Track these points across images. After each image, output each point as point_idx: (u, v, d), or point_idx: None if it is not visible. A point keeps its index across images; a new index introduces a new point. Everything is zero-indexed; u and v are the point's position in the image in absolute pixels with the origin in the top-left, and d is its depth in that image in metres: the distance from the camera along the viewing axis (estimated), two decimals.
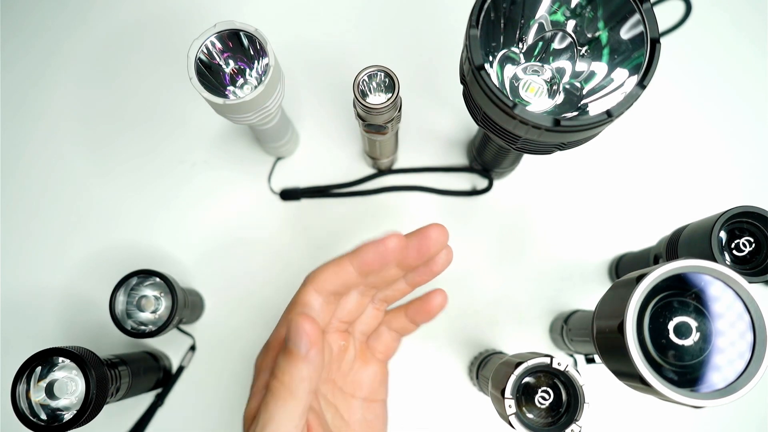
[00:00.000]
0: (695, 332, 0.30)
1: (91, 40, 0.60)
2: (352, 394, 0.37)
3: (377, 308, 0.38)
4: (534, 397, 0.36)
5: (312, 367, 0.30)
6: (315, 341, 0.29)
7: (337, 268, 0.33)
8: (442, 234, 0.34)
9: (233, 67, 0.42)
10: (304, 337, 0.29)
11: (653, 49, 0.33)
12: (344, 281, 0.33)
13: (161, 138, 0.58)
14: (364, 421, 0.37)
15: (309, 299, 0.33)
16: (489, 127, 0.36)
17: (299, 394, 0.30)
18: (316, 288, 0.33)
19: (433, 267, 0.36)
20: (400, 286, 0.37)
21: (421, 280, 0.37)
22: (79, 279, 0.54)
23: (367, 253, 0.32)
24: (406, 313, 0.38)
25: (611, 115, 0.32)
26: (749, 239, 0.39)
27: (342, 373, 0.37)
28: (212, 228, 0.55)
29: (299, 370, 0.29)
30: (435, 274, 0.36)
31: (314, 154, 0.57)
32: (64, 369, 0.39)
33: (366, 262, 0.32)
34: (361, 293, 0.37)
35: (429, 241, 0.33)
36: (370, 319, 0.38)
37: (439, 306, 0.37)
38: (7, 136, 0.58)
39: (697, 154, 0.57)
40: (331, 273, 0.33)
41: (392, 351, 0.40)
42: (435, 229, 0.33)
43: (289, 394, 0.30)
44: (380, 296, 0.38)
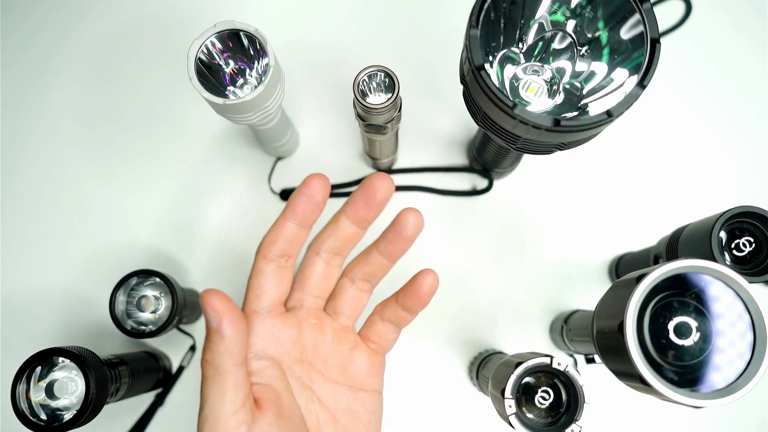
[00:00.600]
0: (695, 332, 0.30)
1: (91, 40, 0.60)
2: (336, 380, 0.36)
3: (360, 289, 0.37)
4: (534, 397, 0.36)
5: (229, 340, 0.29)
6: (223, 312, 0.29)
7: (275, 228, 0.34)
8: (385, 181, 0.34)
9: (233, 67, 0.42)
10: (210, 311, 0.29)
11: (653, 49, 0.33)
12: (286, 237, 0.34)
13: (161, 138, 0.58)
14: (349, 409, 0.35)
15: (260, 267, 0.34)
16: (489, 127, 0.36)
17: (223, 369, 0.29)
18: (263, 254, 0.34)
19: (402, 231, 0.34)
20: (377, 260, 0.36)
21: (394, 249, 0.35)
22: (79, 279, 0.54)
23: (295, 200, 0.33)
24: (396, 301, 0.36)
25: (611, 115, 0.32)
26: (749, 239, 0.39)
27: (320, 356, 0.36)
28: (212, 228, 0.55)
29: (216, 346, 0.29)
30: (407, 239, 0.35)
31: (314, 154, 0.57)
32: (64, 369, 0.39)
33: (298, 210, 0.33)
34: (326, 262, 0.36)
35: (372, 188, 0.33)
36: (354, 300, 0.37)
37: (429, 287, 0.35)
38: (7, 136, 0.58)
39: (697, 154, 0.57)
40: (273, 234, 0.34)
41: (388, 343, 0.38)
42: (377, 177, 0.34)
43: (214, 371, 0.30)
44: (359, 274, 0.36)
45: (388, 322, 0.37)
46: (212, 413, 0.29)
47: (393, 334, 0.37)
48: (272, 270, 0.34)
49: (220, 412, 0.29)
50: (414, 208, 0.34)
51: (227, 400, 0.29)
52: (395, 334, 0.37)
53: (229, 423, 0.29)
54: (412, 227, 0.34)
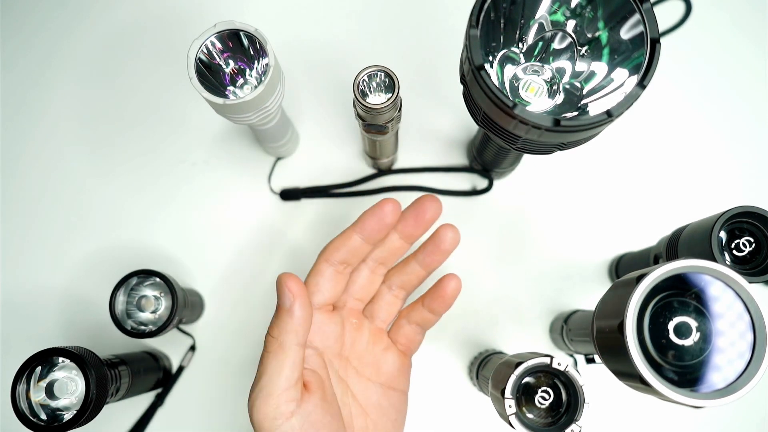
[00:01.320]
0: (695, 332, 0.30)
1: (91, 40, 0.60)
2: (369, 378, 0.39)
3: (396, 296, 0.41)
4: (534, 397, 0.36)
5: (297, 320, 0.32)
6: (297, 294, 0.32)
7: (343, 238, 0.37)
8: (435, 203, 0.37)
9: (233, 67, 0.42)
10: (287, 291, 0.32)
11: (653, 49, 0.33)
12: (350, 248, 0.36)
13: (161, 138, 0.58)
14: (379, 406, 0.38)
15: (320, 268, 0.37)
16: (489, 127, 0.36)
17: (287, 345, 0.32)
18: (326, 258, 0.37)
19: (440, 245, 0.39)
20: (414, 269, 0.40)
21: (432, 260, 0.39)
22: (79, 279, 0.54)
23: (367, 219, 0.36)
24: (423, 303, 0.40)
25: (611, 115, 0.32)
26: (749, 239, 0.39)
27: (357, 354, 0.39)
28: (212, 228, 0.55)
29: (285, 323, 0.32)
30: (444, 252, 0.39)
31: (314, 154, 0.57)
32: (64, 369, 0.39)
33: (367, 227, 0.36)
34: (371, 270, 0.40)
35: (423, 209, 0.37)
36: (389, 305, 0.41)
37: (453, 290, 0.39)
38: (7, 136, 0.58)
39: (697, 154, 0.57)
40: (339, 242, 0.37)
41: (414, 344, 0.41)
42: (428, 199, 0.37)
43: (278, 347, 0.32)
44: (397, 282, 0.40)
45: (415, 324, 0.41)
46: (268, 385, 0.31)
47: (419, 336, 0.41)
48: (330, 273, 0.37)
49: (275, 385, 0.31)
50: (452, 225, 0.39)
51: (284, 376, 0.31)
52: (420, 335, 0.41)
53: (282, 397, 0.31)
54: (450, 241, 0.39)
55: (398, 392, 0.40)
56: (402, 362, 0.41)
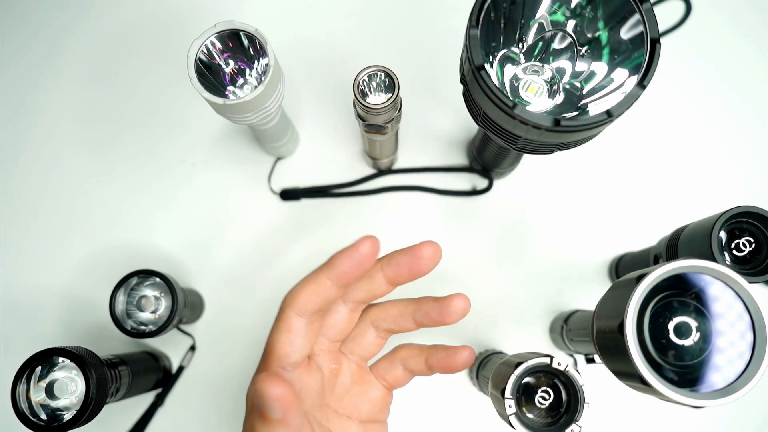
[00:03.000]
0: (695, 332, 0.29)
1: (91, 40, 0.60)
2: (349, 416, 0.36)
3: (382, 337, 0.36)
4: (534, 397, 0.36)
5: (292, 428, 0.28)
6: (289, 403, 0.28)
7: (314, 286, 0.31)
8: (436, 253, 0.32)
9: (233, 67, 0.42)
10: (277, 403, 0.27)
11: (653, 49, 0.33)
12: (324, 298, 0.31)
13: (161, 138, 0.58)
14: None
15: (292, 324, 0.32)
16: (489, 127, 0.36)
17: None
18: (297, 311, 0.32)
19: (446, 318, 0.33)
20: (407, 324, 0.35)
21: (431, 324, 0.35)
22: (79, 279, 0.54)
23: (341, 262, 0.30)
24: (427, 359, 0.36)
25: (611, 115, 0.32)
26: (749, 239, 0.39)
27: (336, 397, 0.35)
28: (212, 228, 0.55)
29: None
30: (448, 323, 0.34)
31: (314, 154, 0.57)
32: (64, 369, 0.39)
33: (342, 272, 0.30)
34: (350, 309, 0.35)
35: (421, 261, 0.32)
36: (371, 346, 0.37)
37: (464, 364, 0.34)
38: (7, 136, 0.58)
39: (697, 154, 0.57)
40: (310, 292, 0.31)
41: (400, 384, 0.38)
42: (428, 248, 0.32)
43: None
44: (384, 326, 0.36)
45: (410, 371, 0.37)
46: None
47: (408, 379, 0.37)
48: (303, 327, 0.32)
49: None
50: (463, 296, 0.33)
51: None
52: (410, 378, 0.37)
53: None
54: (458, 315, 0.33)
55: (378, 423, 0.37)
56: (384, 397, 0.37)
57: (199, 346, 0.53)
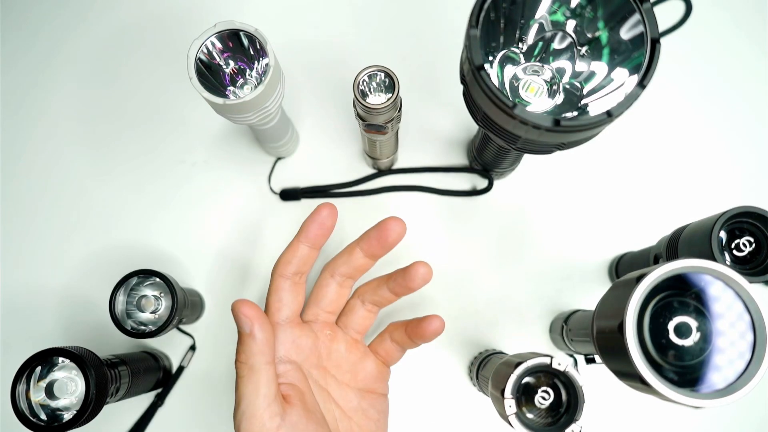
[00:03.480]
0: (695, 332, 0.29)
1: (91, 40, 0.60)
2: (348, 384, 0.41)
3: (369, 310, 0.42)
4: (534, 397, 0.36)
5: (260, 342, 0.34)
6: (254, 317, 0.34)
7: (290, 250, 0.38)
8: (399, 225, 0.39)
9: (233, 67, 0.42)
10: (243, 317, 0.34)
11: (653, 49, 0.33)
12: (300, 258, 0.38)
13: (161, 138, 0.58)
14: (360, 409, 0.40)
15: (278, 284, 0.39)
16: (489, 127, 0.36)
17: (257, 367, 0.33)
18: (280, 273, 0.38)
19: (410, 282, 0.39)
20: (384, 293, 0.41)
21: (401, 291, 0.41)
22: (79, 279, 0.54)
23: (308, 226, 0.38)
24: (405, 330, 0.41)
25: (611, 115, 0.32)
26: (749, 239, 0.39)
27: (334, 363, 0.41)
28: (212, 228, 0.55)
29: (249, 347, 0.34)
30: (413, 289, 0.40)
31: (314, 154, 0.57)
32: (64, 369, 0.39)
33: (311, 235, 0.38)
34: (339, 284, 0.41)
35: (386, 230, 0.39)
36: (363, 319, 0.43)
37: (434, 332, 0.40)
38: (7, 136, 0.58)
39: (697, 154, 0.57)
40: (289, 255, 0.38)
41: (393, 359, 0.43)
42: (392, 221, 0.39)
43: (248, 370, 0.33)
44: (369, 298, 0.42)
45: (396, 342, 0.42)
46: (249, 408, 0.33)
47: (398, 353, 0.43)
48: (288, 286, 0.39)
49: (255, 406, 0.33)
50: (425, 263, 0.39)
51: (261, 395, 0.33)
52: (400, 353, 0.43)
53: (264, 415, 0.33)
54: (420, 279, 0.39)
55: (377, 395, 0.42)
56: (380, 369, 0.42)
57: (199, 346, 0.53)
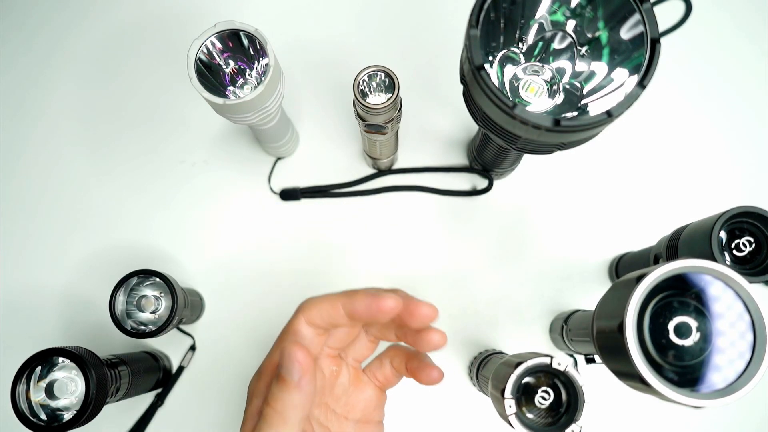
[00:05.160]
0: (695, 332, 0.29)
1: (91, 39, 0.60)
2: (345, 416, 0.38)
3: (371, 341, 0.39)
4: (534, 397, 0.36)
5: (304, 395, 0.31)
6: (307, 369, 0.31)
7: (329, 308, 0.34)
8: (431, 313, 0.34)
9: (233, 67, 0.42)
10: (296, 365, 0.30)
11: (653, 49, 0.33)
12: (334, 321, 0.34)
13: (161, 138, 0.58)
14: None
15: (301, 329, 0.34)
16: (489, 127, 0.36)
17: (291, 421, 0.31)
18: (308, 320, 0.34)
19: (422, 345, 0.36)
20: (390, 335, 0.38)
21: (410, 343, 0.37)
22: (79, 279, 0.54)
23: (360, 304, 0.33)
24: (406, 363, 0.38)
25: (611, 115, 0.32)
26: (749, 239, 0.39)
27: (335, 397, 0.38)
28: (212, 228, 0.55)
29: (291, 398, 0.31)
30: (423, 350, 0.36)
31: (314, 154, 0.57)
32: (64, 369, 0.39)
33: (357, 312, 0.33)
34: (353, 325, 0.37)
35: (415, 318, 0.34)
36: (364, 349, 0.39)
37: (429, 382, 0.37)
38: (7, 136, 0.58)
39: (697, 154, 0.57)
40: (324, 310, 0.34)
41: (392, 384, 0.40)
42: (425, 308, 0.34)
43: (281, 421, 0.31)
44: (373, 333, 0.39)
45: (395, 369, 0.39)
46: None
47: (396, 378, 0.40)
48: (311, 334, 0.35)
49: None
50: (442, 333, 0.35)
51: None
52: (398, 378, 0.40)
53: None
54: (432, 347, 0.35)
55: (373, 423, 0.40)
56: (378, 397, 0.40)
57: (199, 346, 0.53)
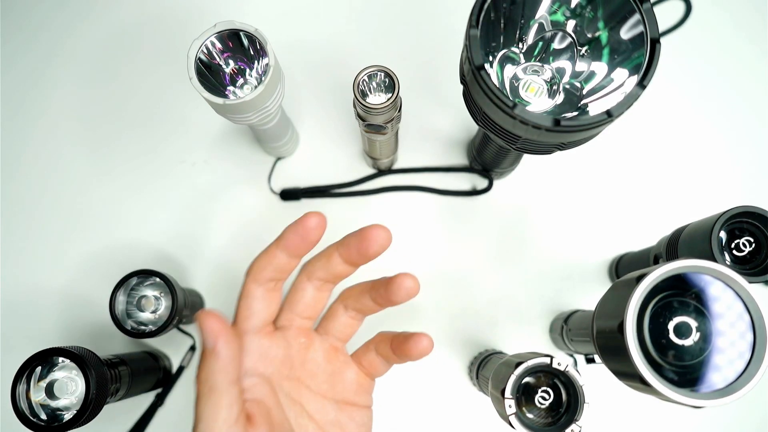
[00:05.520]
0: (695, 332, 0.29)
1: (91, 39, 0.60)
2: (324, 395, 0.37)
3: (352, 317, 0.39)
4: (534, 397, 0.36)
5: (224, 360, 0.31)
6: (219, 333, 0.31)
7: (267, 256, 0.34)
8: (382, 235, 0.34)
9: (233, 67, 0.42)
10: (207, 331, 0.31)
11: (653, 49, 0.33)
12: (276, 266, 0.34)
13: (161, 138, 0.58)
14: (336, 422, 0.37)
15: (250, 290, 0.35)
16: (489, 127, 0.36)
17: (217, 388, 0.31)
18: (253, 278, 0.35)
19: (392, 296, 0.36)
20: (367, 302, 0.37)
21: (384, 303, 0.37)
22: (79, 279, 0.54)
23: (289, 234, 0.34)
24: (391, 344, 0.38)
25: (611, 115, 0.32)
26: (749, 239, 0.39)
27: (309, 373, 0.37)
28: (212, 228, 0.55)
29: (212, 365, 0.31)
30: (394, 302, 0.36)
31: (314, 154, 0.57)
32: (64, 369, 0.39)
33: (290, 244, 0.34)
34: (317, 288, 0.37)
35: (367, 240, 0.34)
36: (345, 326, 0.39)
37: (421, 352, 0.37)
38: (7, 136, 0.58)
39: (697, 154, 0.57)
40: (264, 261, 0.34)
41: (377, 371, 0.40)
42: (375, 230, 0.34)
43: (208, 390, 0.31)
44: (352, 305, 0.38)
45: (381, 356, 0.39)
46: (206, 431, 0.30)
47: (383, 366, 0.39)
48: (261, 293, 0.35)
49: (213, 430, 0.30)
50: (411, 276, 0.35)
51: (221, 419, 0.30)
52: (386, 366, 0.39)
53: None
54: (404, 293, 0.35)
55: (358, 407, 0.38)
56: (361, 381, 0.39)
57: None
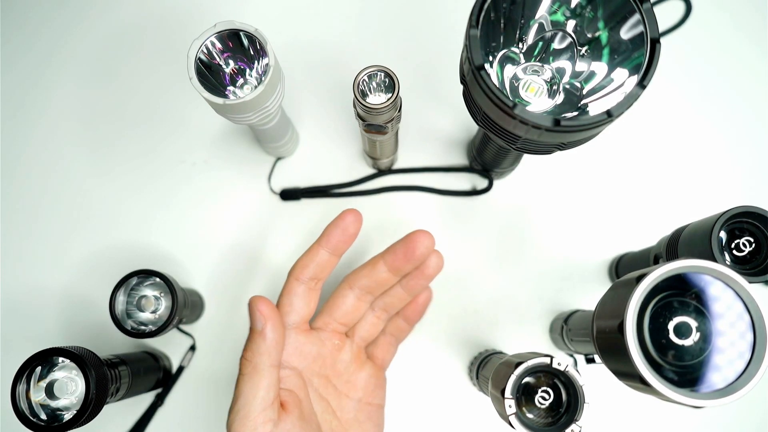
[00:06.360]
0: (695, 332, 0.30)
1: (91, 40, 0.60)
2: (347, 394, 0.39)
3: (378, 317, 0.41)
4: (534, 397, 0.36)
5: (270, 342, 0.33)
6: (269, 317, 0.33)
7: (310, 255, 0.37)
8: (427, 238, 0.37)
9: (233, 67, 0.42)
10: (258, 314, 0.33)
11: (653, 49, 0.33)
12: (318, 264, 0.37)
13: (161, 138, 0.58)
14: (356, 420, 0.39)
15: (292, 287, 0.37)
16: (489, 127, 0.36)
17: (261, 367, 0.33)
18: (296, 276, 0.37)
19: (425, 270, 0.38)
20: (398, 292, 0.40)
21: (416, 284, 0.40)
22: (79, 279, 0.54)
23: (331, 232, 0.37)
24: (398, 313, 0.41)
25: (611, 115, 0.32)
26: (749, 239, 0.39)
27: (336, 372, 0.40)
28: (212, 228, 0.55)
29: (258, 346, 0.33)
30: (428, 278, 0.39)
31: (314, 154, 0.57)
32: (64, 369, 0.39)
33: (332, 240, 0.37)
34: (357, 297, 0.40)
35: (414, 244, 0.37)
36: (371, 326, 0.41)
37: (425, 301, 0.40)
38: (7, 136, 0.58)
39: (697, 154, 0.57)
40: (307, 260, 0.37)
41: (389, 356, 0.42)
42: (420, 234, 0.37)
43: (252, 369, 0.33)
44: (380, 304, 0.41)
45: (390, 334, 0.42)
46: (244, 407, 0.32)
47: (393, 348, 0.42)
48: (302, 291, 0.37)
49: (251, 407, 0.32)
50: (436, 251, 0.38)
51: (259, 397, 0.32)
52: (395, 347, 0.42)
53: (258, 418, 0.32)
54: (433, 267, 0.38)
55: (374, 406, 0.41)
56: (378, 377, 0.41)
57: (199, 346, 0.53)
